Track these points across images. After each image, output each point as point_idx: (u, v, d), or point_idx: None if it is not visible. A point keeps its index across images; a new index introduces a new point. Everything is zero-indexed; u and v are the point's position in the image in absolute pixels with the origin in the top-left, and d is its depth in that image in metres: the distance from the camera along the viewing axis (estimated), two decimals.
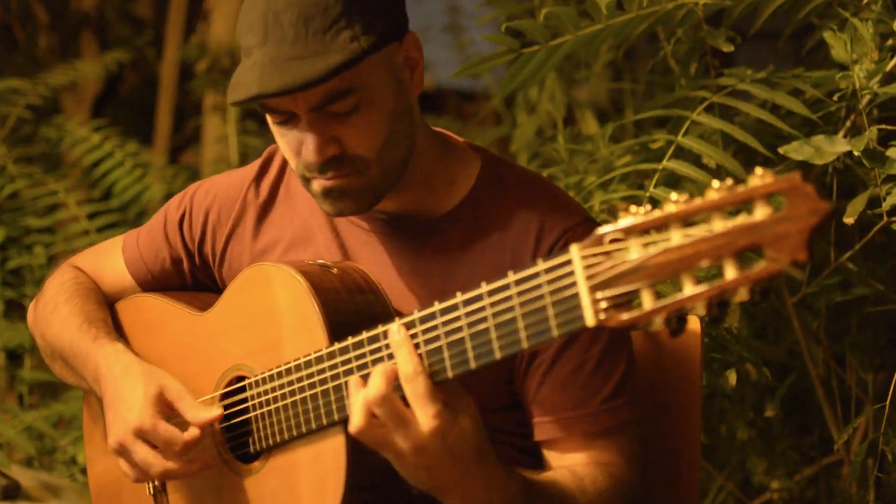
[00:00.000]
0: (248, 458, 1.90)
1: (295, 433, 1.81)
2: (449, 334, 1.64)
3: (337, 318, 1.80)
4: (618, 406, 1.84)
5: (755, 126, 2.54)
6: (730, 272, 1.39)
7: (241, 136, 4.61)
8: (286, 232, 1.99)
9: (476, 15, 3.64)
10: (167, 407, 1.90)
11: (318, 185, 1.81)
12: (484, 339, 1.61)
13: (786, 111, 2.48)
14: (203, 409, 1.88)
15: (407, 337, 1.65)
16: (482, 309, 1.60)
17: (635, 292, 1.44)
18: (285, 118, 1.79)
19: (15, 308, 3.83)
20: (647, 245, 1.44)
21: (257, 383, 1.86)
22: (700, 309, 1.41)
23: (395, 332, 1.66)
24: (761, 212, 1.38)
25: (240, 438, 1.91)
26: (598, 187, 2.63)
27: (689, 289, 1.41)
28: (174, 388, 1.91)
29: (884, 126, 2.37)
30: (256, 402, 1.86)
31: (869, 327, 2.71)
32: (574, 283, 1.50)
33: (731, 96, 2.48)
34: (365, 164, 1.79)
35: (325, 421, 1.77)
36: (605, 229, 1.47)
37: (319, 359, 1.77)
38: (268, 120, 1.83)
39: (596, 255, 1.48)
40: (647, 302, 1.44)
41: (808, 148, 2.33)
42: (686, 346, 2.05)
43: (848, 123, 2.44)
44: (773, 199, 1.38)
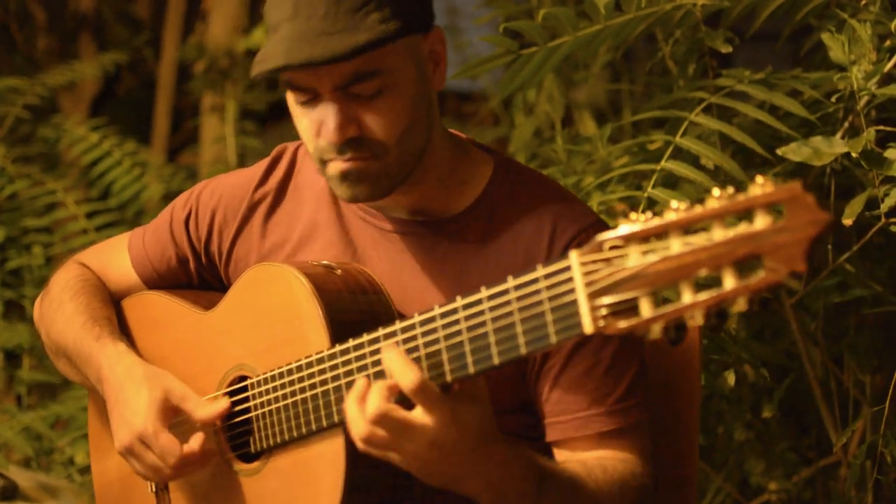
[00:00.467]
0: (249, 457, 1.91)
1: (295, 434, 1.81)
2: (448, 338, 1.63)
3: (339, 320, 1.80)
4: (630, 406, 1.84)
5: (753, 127, 2.54)
6: (728, 281, 1.39)
7: (239, 137, 4.61)
8: (294, 230, 1.99)
9: (474, 16, 3.64)
10: (172, 412, 1.91)
11: (335, 167, 1.81)
12: (483, 343, 1.60)
13: (784, 112, 2.48)
14: (209, 404, 1.89)
15: (400, 352, 1.64)
16: (481, 313, 1.60)
17: (634, 300, 1.44)
18: (308, 97, 1.80)
19: (14, 308, 3.83)
20: (646, 252, 1.43)
21: (259, 383, 1.87)
22: (698, 318, 1.40)
23: (388, 353, 1.64)
24: (761, 221, 1.38)
25: (241, 438, 1.91)
26: (596, 188, 2.62)
27: (687, 297, 1.41)
28: (178, 390, 1.91)
29: (882, 127, 2.37)
30: (258, 402, 1.87)
31: (867, 329, 2.71)
32: (573, 290, 1.50)
33: (729, 97, 2.48)
34: (383, 148, 1.80)
35: (325, 423, 1.77)
36: (604, 236, 1.47)
37: (321, 360, 1.77)
38: (289, 102, 1.83)
39: (595, 261, 1.47)
40: (645, 310, 1.43)
41: (806, 149, 2.33)
42: (684, 347, 2.05)
43: (846, 124, 2.44)
44: (774, 207, 1.38)
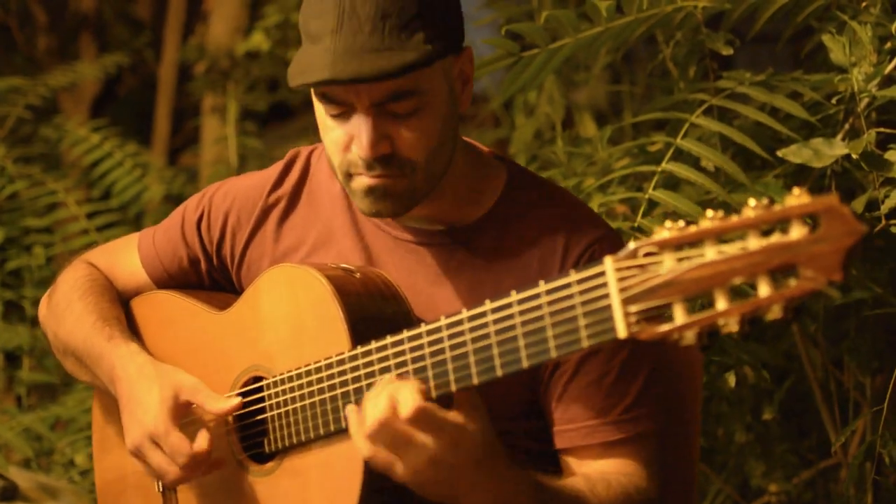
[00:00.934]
0: (261, 458, 1.90)
1: (313, 435, 1.81)
2: (476, 341, 1.63)
3: (359, 322, 1.79)
4: (638, 416, 1.83)
5: (754, 129, 2.54)
6: (764, 289, 1.40)
7: (240, 137, 4.62)
8: (309, 235, 1.99)
9: (475, 18, 3.64)
10: (183, 409, 1.90)
11: (362, 182, 1.81)
12: (511, 346, 1.61)
13: (784, 114, 2.48)
14: (221, 399, 1.89)
15: (393, 379, 1.66)
16: (511, 317, 1.60)
17: (668, 306, 1.45)
18: (342, 111, 1.80)
19: (14, 309, 3.83)
20: (681, 260, 1.44)
21: (276, 384, 1.86)
22: (733, 325, 1.42)
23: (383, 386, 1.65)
24: (797, 231, 1.39)
25: (254, 439, 1.90)
26: (597, 190, 2.63)
27: (721, 304, 1.42)
28: (189, 384, 1.91)
29: (882, 129, 2.37)
30: (274, 402, 1.86)
31: (867, 330, 2.71)
32: (607, 295, 1.51)
33: (729, 99, 2.48)
34: (412, 167, 1.80)
35: (343, 424, 1.76)
36: (638, 243, 1.48)
37: (341, 361, 1.77)
38: (318, 111, 1.83)
39: (630, 267, 1.48)
40: (679, 316, 1.44)
41: (806, 151, 2.34)
42: (685, 348, 2.04)
43: (846, 126, 2.44)
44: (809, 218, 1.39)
